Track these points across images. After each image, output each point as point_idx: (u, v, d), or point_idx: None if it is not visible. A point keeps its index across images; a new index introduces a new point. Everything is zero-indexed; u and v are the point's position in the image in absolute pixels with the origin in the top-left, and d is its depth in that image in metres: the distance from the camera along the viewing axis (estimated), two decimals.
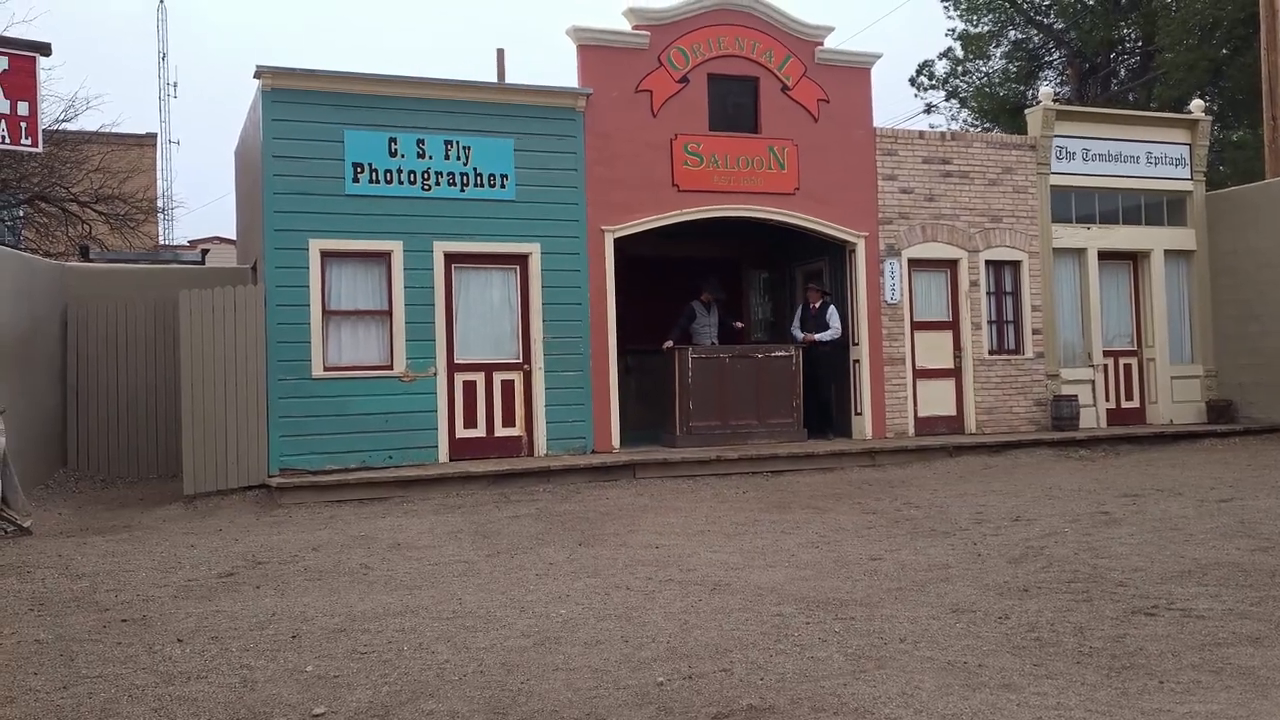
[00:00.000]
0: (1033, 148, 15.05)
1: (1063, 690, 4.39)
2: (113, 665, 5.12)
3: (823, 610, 5.82)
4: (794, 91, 13.75)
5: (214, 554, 8.11)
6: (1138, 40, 28.75)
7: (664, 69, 13.16)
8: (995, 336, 14.78)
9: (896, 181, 14.27)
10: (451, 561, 7.57)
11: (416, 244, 11.98)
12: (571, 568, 7.22)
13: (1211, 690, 4.36)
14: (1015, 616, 5.59)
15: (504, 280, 12.49)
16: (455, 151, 12.17)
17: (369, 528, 9.18)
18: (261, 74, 11.55)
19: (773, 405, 13.43)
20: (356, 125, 11.80)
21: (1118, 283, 15.77)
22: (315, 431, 11.39)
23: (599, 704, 4.36)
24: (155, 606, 6.36)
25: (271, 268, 11.46)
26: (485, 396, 12.29)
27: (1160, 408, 15.56)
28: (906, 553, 7.45)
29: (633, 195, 12.94)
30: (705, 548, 7.85)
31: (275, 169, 11.50)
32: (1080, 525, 8.34)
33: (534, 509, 10.05)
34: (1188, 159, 15.97)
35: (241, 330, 11.16)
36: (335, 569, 7.39)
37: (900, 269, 14.20)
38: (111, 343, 13.10)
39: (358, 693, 4.59)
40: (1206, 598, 5.87)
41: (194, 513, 10.42)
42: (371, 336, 11.89)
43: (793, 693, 4.44)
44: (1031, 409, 14.70)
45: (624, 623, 5.65)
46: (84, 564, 7.81)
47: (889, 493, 10.58)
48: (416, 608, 6.13)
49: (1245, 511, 8.64)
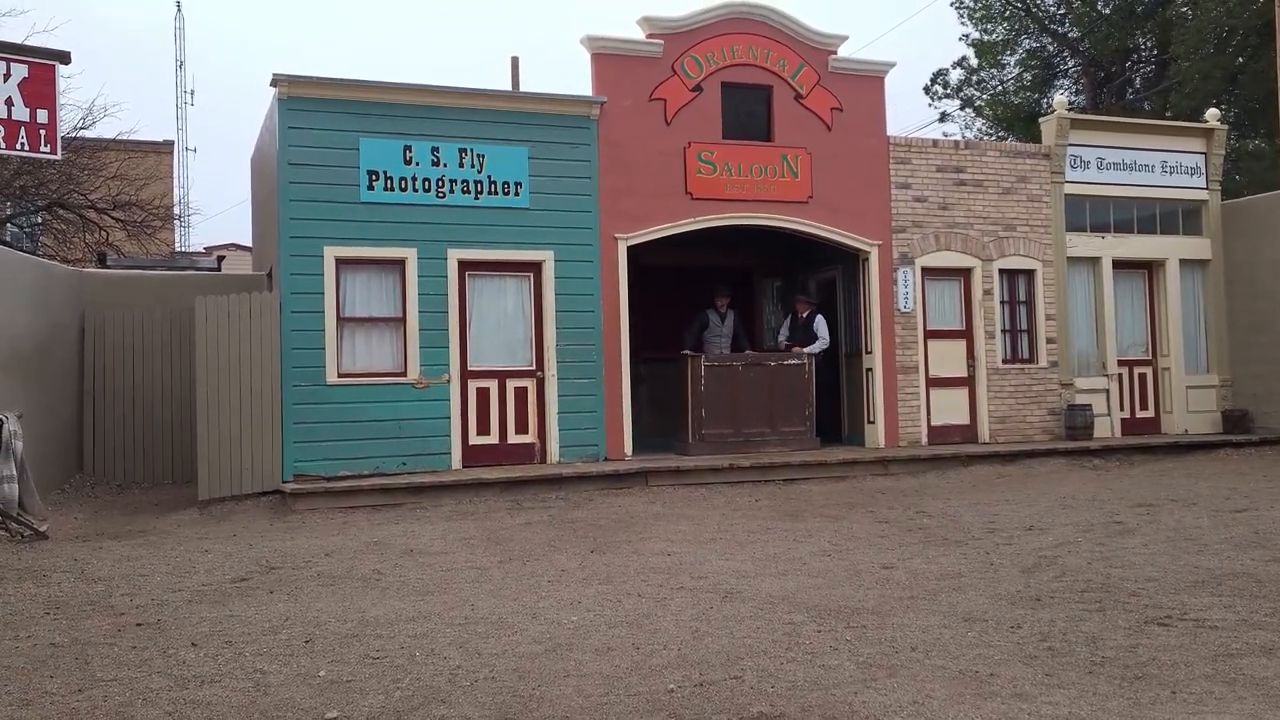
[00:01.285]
0: (1047, 156, 15.03)
1: (1075, 700, 4.38)
2: (127, 669, 5.15)
3: (834, 618, 5.81)
4: (807, 100, 13.76)
5: (228, 559, 8.16)
6: (1153, 49, 28.66)
7: (678, 77, 13.20)
8: (1009, 345, 14.75)
9: (910, 190, 14.27)
10: (464, 568, 7.59)
11: (431, 251, 12.03)
12: (583, 574, 7.23)
13: (1224, 701, 4.34)
14: (1027, 626, 5.57)
15: (517, 288, 12.53)
16: (469, 159, 12.23)
17: (382, 534, 9.21)
18: (278, 82, 11.62)
19: (785, 413, 13.43)
20: (371, 133, 11.86)
21: (1132, 292, 15.72)
22: (329, 438, 11.44)
23: (610, 711, 4.37)
24: (170, 611, 6.40)
25: (286, 275, 11.52)
26: (498, 403, 12.32)
27: (1175, 417, 15.49)
28: (919, 561, 7.44)
29: (646, 204, 12.97)
30: (717, 555, 7.85)
31: (291, 176, 11.57)
32: (1094, 535, 8.31)
33: (546, 516, 10.07)
34: (1203, 168, 15.92)
35: (256, 337, 11.22)
36: (348, 574, 7.42)
37: (914, 278, 14.19)
38: (128, 349, 13.19)
39: (370, 698, 4.61)
40: (1220, 608, 5.84)
41: (208, 518, 10.48)
42: (385, 343, 11.94)
43: (803, 701, 4.44)
44: (1045, 418, 14.66)
45: (635, 630, 5.66)
46: (99, 568, 7.86)
47: (901, 501, 10.56)
48: (429, 613, 6.15)
49: (1260, 522, 8.60)
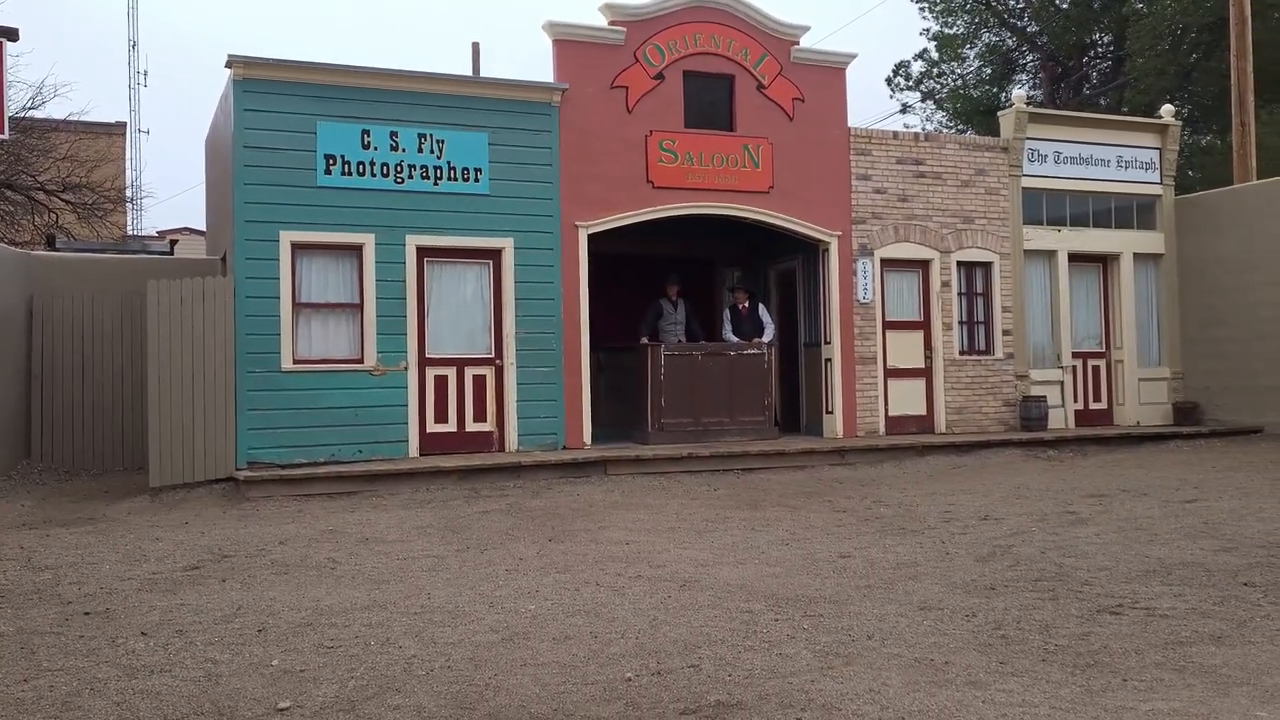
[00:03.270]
0: (1005, 150, 15.16)
1: (1028, 688, 4.41)
2: (75, 658, 5.05)
3: (792, 607, 5.83)
4: (769, 90, 13.77)
5: (179, 547, 8.03)
6: (1110, 45, 29.03)
7: (640, 65, 13.15)
8: (966, 337, 14.88)
9: (870, 181, 14.33)
10: (420, 556, 7.53)
11: (389, 237, 11.91)
12: (541, 563, 7.20)
13: (1174, 688, 4.40)
14: (982, 614, 5.62)
15: (477, 275, 12.44)
16: (429, 145, 12.11)
17: (337, 522, 9.12)
18: (233, 63, 11.44)
19: (745, 403, 13.46)
20: (329, 117, 11.71)
21: (1087, 285, 15.91)
22: (284, 425, 11.30)
23: (567, 699, 4.35)
24: (119, 600, 6.29)
25: (241, 259, 11.36)
26: (457, 391, 12.24)
27: (1127, 409, 15.72)
28: (876, 550, 7.48)
29: (607, 191, 12.92)
30: (675, 544, 7.85)
31: (246, 160, 11.40)
32: (1047, 524, 8.40)
33: (504, 504, 10.02)
34: (1158, 163, 16.13)
35: (210, 322, 11.05)
36: (302, 563, 7.33)
37: (873, 269, 14.26)
38: (77, 333, 12.96)
39: (324, 687, 4.55)
40: (1170, 597, 5.93)
41: (159, 505, 10.32)
42: (342, 330, 11.82)
43: (760, 689, 4.44)
44: (1001, 409, 14.81)
45: (593, 619, 5.64)
46: (47, 556, 7.71)
47: (859, 491, 10.63)
48: (384, 602, 6.09)
49: (1209, 512, 8.73)
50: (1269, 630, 5.22)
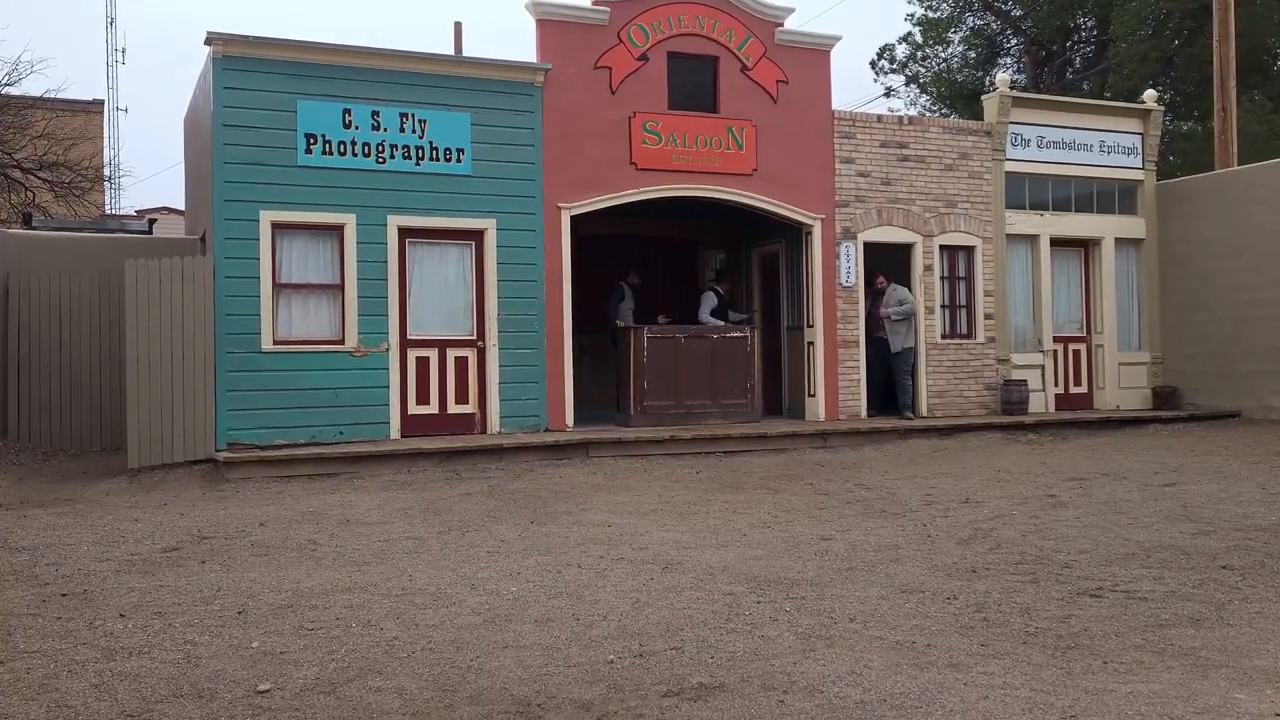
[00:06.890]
0: (989, 134, 15.16)
1: (1009, 670, 4.43)
2: (52, 640, 5.01)
3: (774, 589, 5.84)
4: (753, 72, 13.72)
5: (158, 528, 7.98)
6: (1093, 30, 29.06)
7: (623, 46, 13.07)
8: (948, 321, 14.91)
9: (854, 165, 14.31)
10: (401, 538, 7.50)
11: (370, 217, 11.82)
12: (523, 545, 7.19)
13: (1153, 670, 4.43)
14: (963, 597, 5.64)
15: (459, 256, 12.37)
16: (411, 124, 12.01)
17: (318, 503, 9.07)
18: (213, 41, 11.30)
19: (727, 386, 13.46)
20: (310, 95, 11.59)
21: (1069, 270, 15.96)
22: (264, 406, 11.23)
23: (549, 682, 4.34)
24: (97, 581, 6.25)
25: (221, 239, 11.25)
26: (438, 373, 12.18)
27: (1107, 393, 15.80)
28: (857, 533, 7.50)
29: (590, 173, 12.86)
30: (657, 527, 7.85)
31: (226, 138, 11.28)
32: (1028, 508, 8.44)
33: (486, 486, 9.99)
34: (1140, 148, 16.17)
35: (189, 302, 10.95)
36: (283, 545, 7.30)
37: (856, 252, 14.26)
38: (55, 313, 12.82)
39: (304, 669, 4.53)
40: (1150, 580, 5.97)
41: (138, 487, 10.25)
42: (323, 310, 11.73)
43: (743, 671, 4.44)
44: (982, 393, 14.87)
45: (575, 601, 5.63)
46: (24, 537, 7.65)
47: (841, 474, 10.65)
48: (365, 584, 6.06)
49: (1188, 496, 8.80)
50: (1247, 613, 5.26)
